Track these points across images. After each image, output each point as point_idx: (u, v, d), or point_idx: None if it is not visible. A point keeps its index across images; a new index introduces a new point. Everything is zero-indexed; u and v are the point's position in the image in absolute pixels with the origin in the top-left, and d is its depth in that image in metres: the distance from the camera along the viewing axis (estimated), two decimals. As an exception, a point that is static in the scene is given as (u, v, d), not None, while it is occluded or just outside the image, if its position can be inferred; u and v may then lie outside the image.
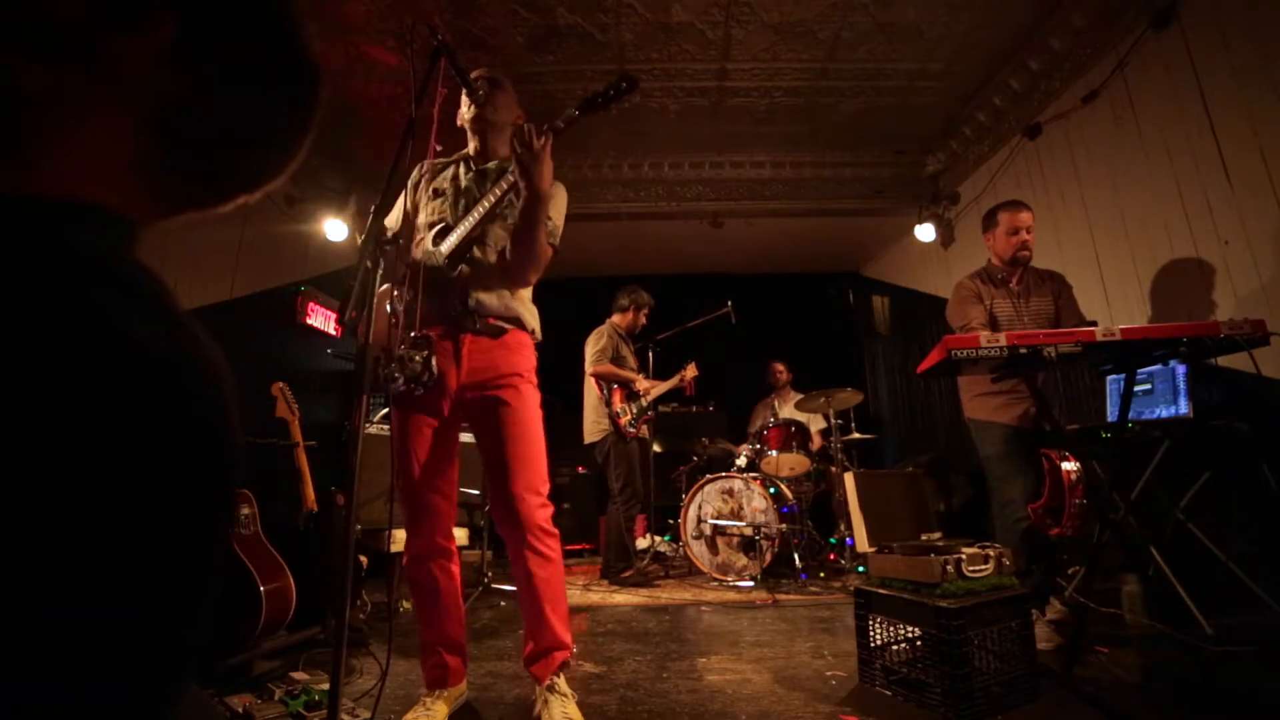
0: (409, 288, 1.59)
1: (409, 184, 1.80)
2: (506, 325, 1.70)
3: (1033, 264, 2.55)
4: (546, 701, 1.58)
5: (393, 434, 1.68)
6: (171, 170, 0.39)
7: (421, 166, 1.82)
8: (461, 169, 1.78)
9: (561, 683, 1.65)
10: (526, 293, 1.79)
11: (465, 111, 1.76)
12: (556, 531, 1.67)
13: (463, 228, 1.63)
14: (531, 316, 1.78)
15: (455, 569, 1.73)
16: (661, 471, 4.57)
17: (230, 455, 0.35)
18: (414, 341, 1.56)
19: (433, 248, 1.64)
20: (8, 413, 0.26)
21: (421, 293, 1.60)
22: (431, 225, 1.69)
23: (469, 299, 1.64)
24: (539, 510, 1.64)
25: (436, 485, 1.67)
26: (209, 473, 0.33)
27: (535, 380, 1.75)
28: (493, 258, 1.68)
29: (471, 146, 1.81)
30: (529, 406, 1.68)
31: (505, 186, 1.58)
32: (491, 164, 1.76)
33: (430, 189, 1.77)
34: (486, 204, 1.61)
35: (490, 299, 1.67)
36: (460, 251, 1.64)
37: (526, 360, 1.73)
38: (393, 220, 1.70)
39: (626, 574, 3.61)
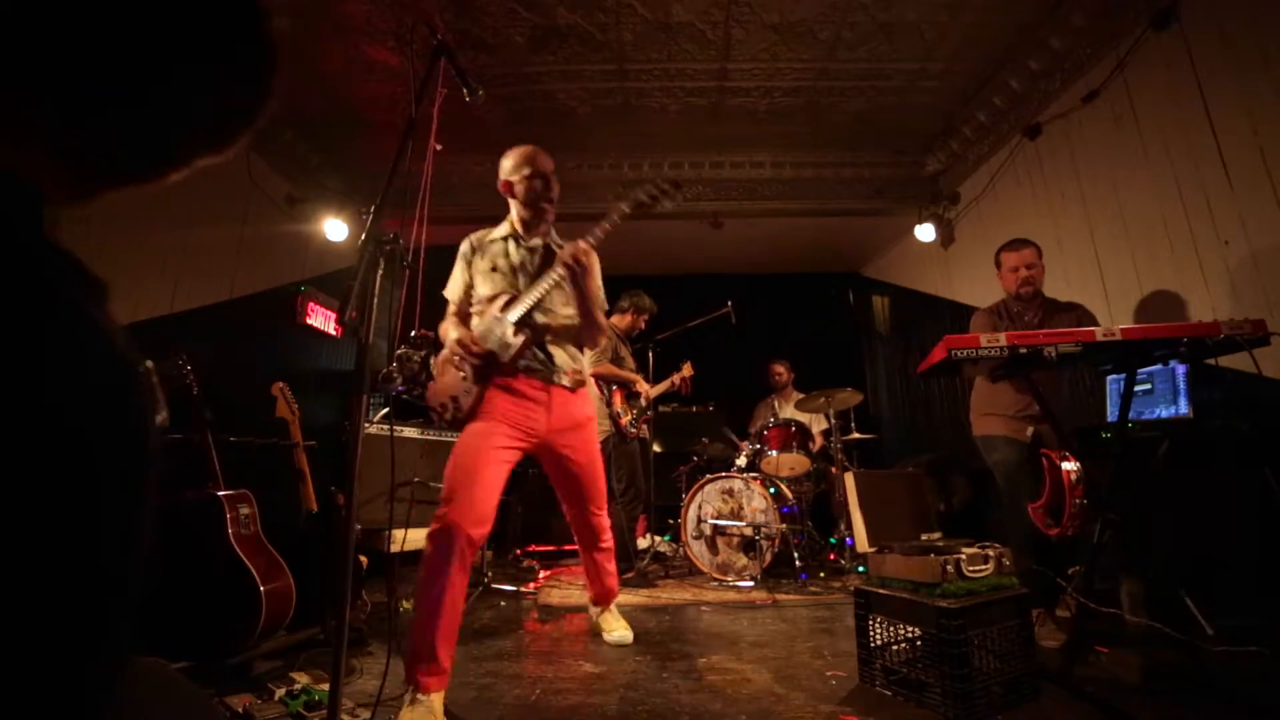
0: (475, 353, 1.85)
1: (461, 258, 2.06)
2: (580, 379, 2.05)
3: (1052, 297, 2.65)
4: (603, 614, 2.34)
5: (461, 443, 1.82)
6: (83, 146, 0.37)
7: (470, 241, 2.06)
8: (511, 245, 2.03)
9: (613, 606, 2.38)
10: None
11: (520, 192, 1.98)
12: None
13: (528, 300, 1.89)
14: (587, 370, 2.15)
15: (468, 567, 1.78)
16: (661, 471, 4.56)
17: (130, 431, 0.33)
18: (413, 341, 1.57)
19: (500, 314, 1.90)
20: None
21: (500, 355, 1.87)
22: (493, 298, 1.94)
23: (552, 358, 1.95)
24: (605, 519, 2.28)
25: (491, 487, 1.81)
26: (105, 451, 0.32)
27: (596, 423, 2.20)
28: (557, 322, 1.98)
29: (518, 220, 2.03)
30: (596, 445, 2.16)
31: (557, 278, 1.88)
32: (536, 241, 2.03)
33: (487, 264, 2.00)
34: (546, 285, 1.88)
35: (564, 358, 1.99)
36: (526, 318, 1.90)
37: (591, 407, 2.14)
38: (452, 292, 2.04)
39: (628, 575, 3.61)
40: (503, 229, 2.05)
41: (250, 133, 0.43)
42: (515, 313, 1.87)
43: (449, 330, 1.97)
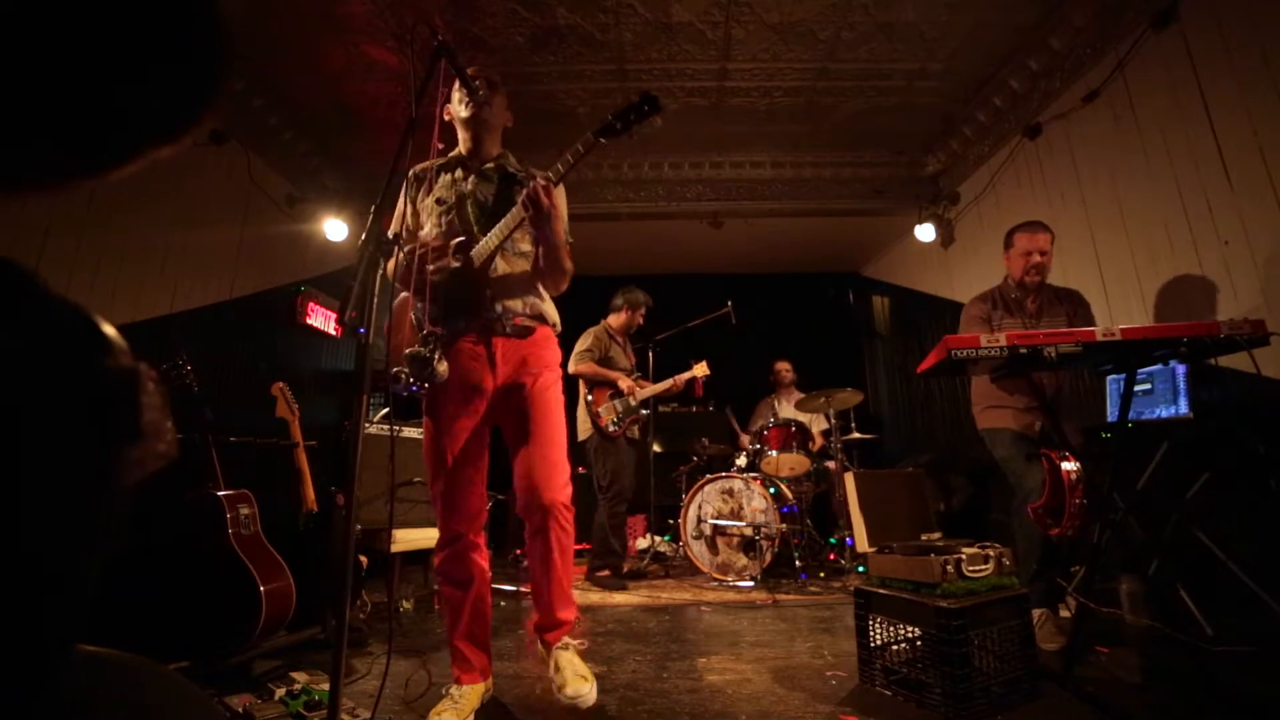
0: (418, 294, 1.63)
1: (404, 191, 1.82)
2: (533, 324, 1.76)
3: (1050, 283, 2.56)
4: (558, 666, 1.66)
5: (426, 433, 1.72)
6: (29, 143, 0.35)
7: (414, 171, 1.84)
8: (459, 173, 1.79)
9: (571, 641, 1.75)
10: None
11: (460, 110, 1.75)
12: (573, 509, 1.74)
13: (488, 241, 1.65)
14: (552, 310, 1.84)
15: (485, 565, 1.76)
16: (661, 471, 4.56)
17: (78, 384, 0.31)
18: (422, 340, 1.58)
19: (459, 256, 1.66)
20: None
21: (443, 302, 1.65)
22: (444, 235, 1.71)
23: (495, 305, 1.70)
24: (563, 490, 1.69)
25: (472, 481, 1.72)
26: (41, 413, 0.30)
27: (560, 371, 1.83)
28: (514, 267, 1.74)
29: (464, 145, 1.82)
30: (555, 392, 1.77)
31: (520, 216, 1.60)
32: (489, 165, 1.80)
33: (432, 198, 1.77)
34: (509, 223, 1.63)
35: (515, 303, 1.73)
36: (488, 262, 1.69)
37: (553, 354, 1.81)
38: (395, 230, 1.76)
39: (603, 574, 3.57)
40: (449, 156, 1.83)
41: (204, 119, 0.40)
42: (475, 251, 1.66)
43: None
